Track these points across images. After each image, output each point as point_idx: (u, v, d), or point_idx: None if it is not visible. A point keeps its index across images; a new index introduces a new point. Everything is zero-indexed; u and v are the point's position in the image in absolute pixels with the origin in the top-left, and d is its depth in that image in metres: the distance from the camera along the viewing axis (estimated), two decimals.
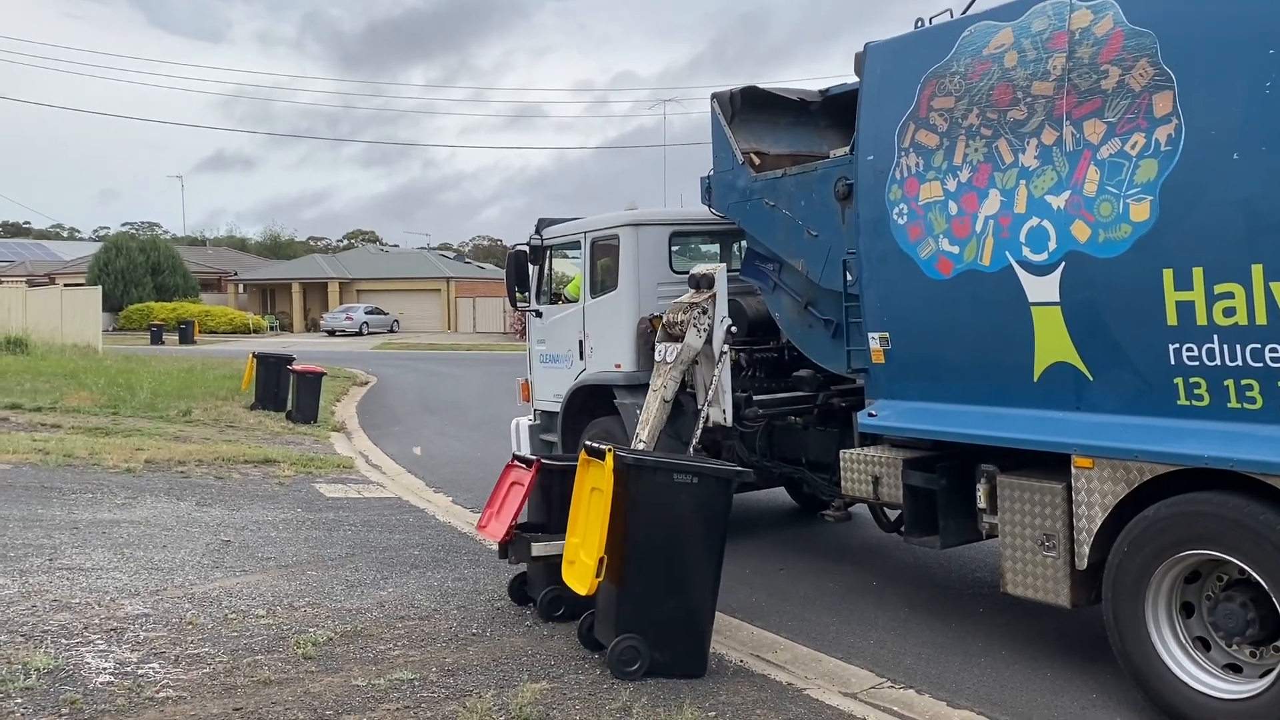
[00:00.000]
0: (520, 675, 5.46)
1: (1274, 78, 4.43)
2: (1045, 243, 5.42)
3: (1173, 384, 4.94)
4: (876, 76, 6.47)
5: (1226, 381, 4.73)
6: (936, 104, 5.99)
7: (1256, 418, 4.65)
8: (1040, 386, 5.55)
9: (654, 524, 5.53)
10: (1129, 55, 5.01)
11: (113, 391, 18.90)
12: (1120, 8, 5.07)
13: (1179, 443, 4.91)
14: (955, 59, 5.90)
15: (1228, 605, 4.87)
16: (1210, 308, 4.73)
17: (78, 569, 7.32)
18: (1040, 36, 5.44)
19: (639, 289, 8.77)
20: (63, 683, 5.09)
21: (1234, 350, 4.68)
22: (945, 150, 5.96)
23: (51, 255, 75.04)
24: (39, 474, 10.95)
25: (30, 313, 35.04)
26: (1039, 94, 5.43)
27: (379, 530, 9.33)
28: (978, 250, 5.79)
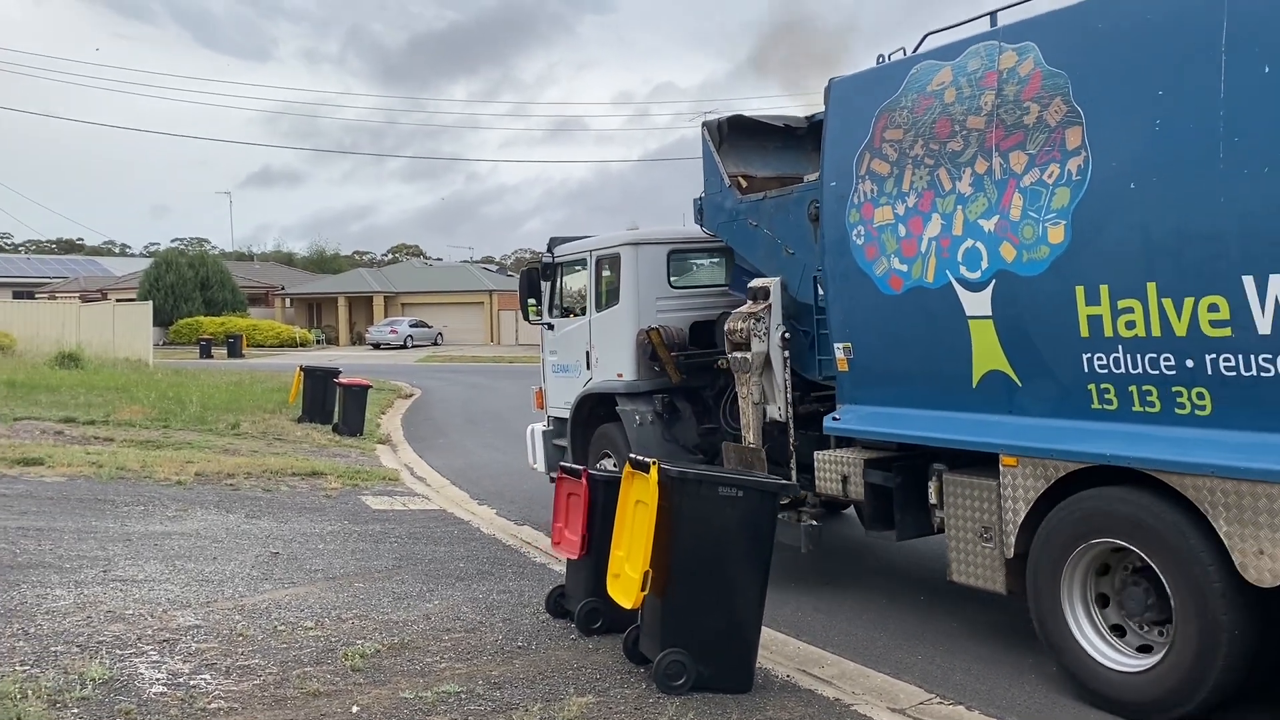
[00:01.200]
0: (566, 689, 5.47)
1: (1162, 116, 5.04)
2: (979, 262, 6.00)
3: (1087, 390, 5.49)
4: (838, 109, 7.07)
5: (1130, 387, 5.28)
6: (888, 135, 6.58)
7: (1155, 420, 5.21)
8: (978, 392, 6.10)
9: (699, 537, 5.52)
10: (1046, 94, 5.60)
11: (163, 405, 19.20)
12: (1039, 50, 5.64)
13: (1088, 442, 5.48)
14: (904, 94, 6.49)
15: (1133, 590, 5.45)
16: (1115, 321, 5.30)
17: (131, 580, 7.44)
18: (974, 75, 6.03)
19: (639, 304, 9.31)
20: (117, 693, 5.16)
21: (1135, 359, 5.23)
22: (895, 178, 6.54)
23: (104, 271, 76.56)
24: (93, 486, 11.15)
25: (83, 328, 35.74)
26: (973, 127, 6.02)
27: (424, 542, 9.39)
28: (923, 268, 6.37)
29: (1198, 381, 5.00)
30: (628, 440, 9.14)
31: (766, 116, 8.65)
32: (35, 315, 37.81)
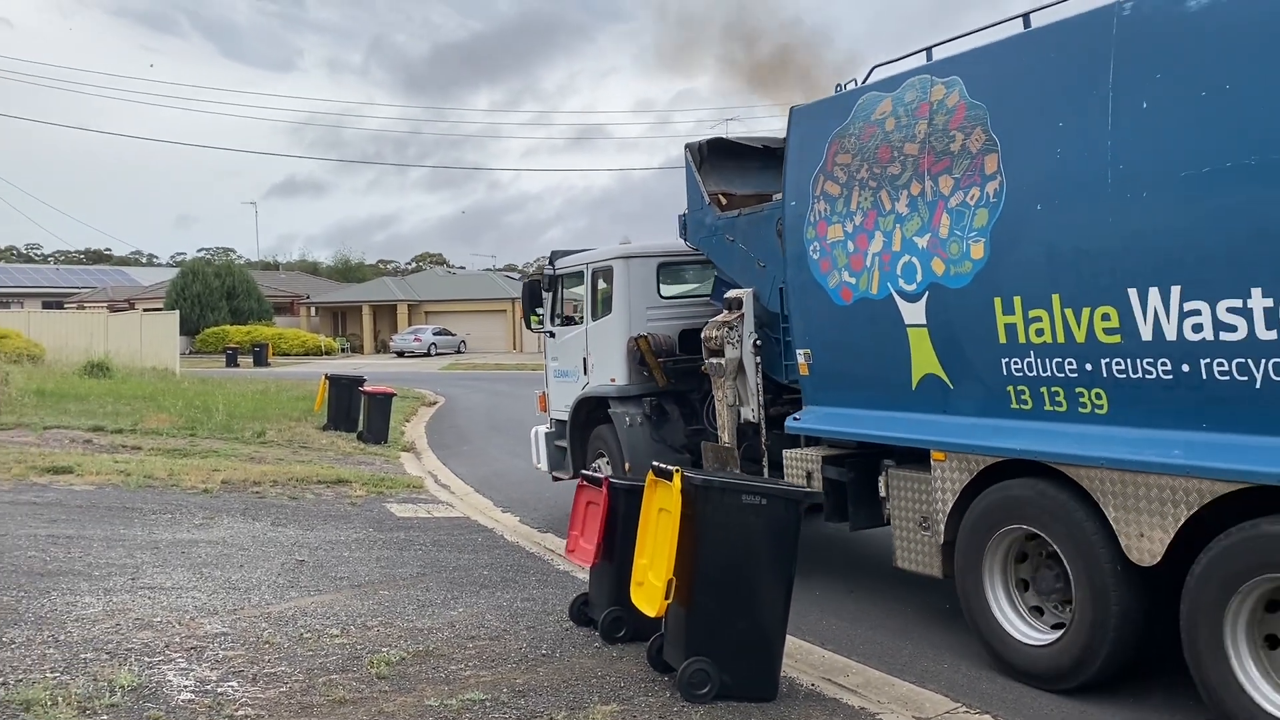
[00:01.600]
0: (591, 697, 5.47)
1: (1062, 145, 5.62)
2: (914, 275, 6.59)
3: (1006, 391, 6.09)
4: (797, 134, 7.67)
5: (1042, 389, 5.87)
6: (839, 160, 7.19)
7: (1062, 418, 5.80)
8: (917, 394, 6.69)
9: (723, 545, 5.51)
10: (969, 123, 6.17)
11: (190, 413, 19.36)
12: (964, 84, 6.22)
13: (1004, 439, 6.11)
14: (852, 122, 7.10)
15: (1045, 572, 6.09)
16: (1027, 329, 5.88)
17: (159, 588, 7.50)
18: (910, 106, 6.61)
19: (630, 313, 10.04)
20: (146, 700, 5.21)
21: (1045, 363, 5.82)
22: (845, 198, 7.14)
23: (131, 281, 77.36)
24: (121, 495, 11.25)
25: (111, 337, 36.12)
26: (909, 153, 6.60)
27: (449, 550, 9.42)
28: (869, 281, 6.97)
29: (1095, 383, 5.59)
30: (619, 441, 9.87)
31: (746, 138, 9.17)
32: (64, 325, 38.20)
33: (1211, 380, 5.05)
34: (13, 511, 9.95)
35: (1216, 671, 5.03)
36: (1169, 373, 5.22)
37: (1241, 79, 4.85)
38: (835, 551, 9.54)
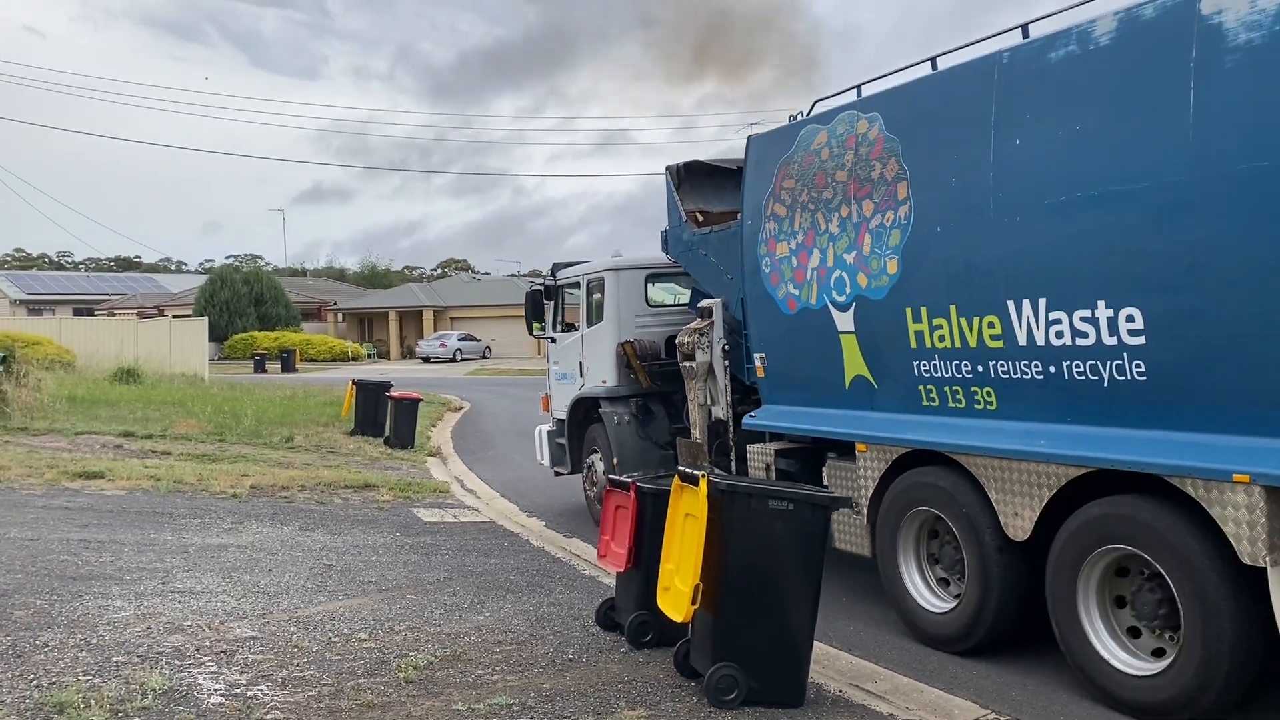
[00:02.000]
0: (618, 702, 5.46)
1: (956, 175, 6.38)
2: (844, 288, 7.41)
3: (917, 390, 6.90)
4: (752, 160, 8.49)
5: (945, 388, 6.67)
6: (785, 184, 8.02)
7: (961, 414, 6.61)
8: (849, 393, 7.54)
9: (749, 551, 5.49)
10: (885, 154, 6.99)
11: (219, 419, 19.53)
12: (882, 119, 7.03)
13: (911, 431, 6.95)
14: (796, 151, 7.91)
15: (947, 549, 6.91)
16: (932, 335, 6.67)
17: (188, 592, 7.56)
18: (841, 137, 7.43)
19: (619, 320, 10.93)
20: (177, 703, 5.25)
21: (946, 365, 6.62)
22: (789, 219, 7.97)
23: (160, 288, 78.09)
24: (151, 499, 11.36)
25: (141, 343, 36.48)
26: (839, 180, 7.43)
27: (475, 555, 9.45)
28: (809, 293, 7.80)
29: (986, 383, 6.40)
30: (609, 438, 10.75)
31: (721, 160, 9.78)
32: (95, 332, 38.64)
33: (1071, 380, 5.85)
34: (45, 516, 10.07)
35: (1072, 631, 5.87)
36: (1040, 373, 6.02)
37: (1085, 122, 5.68)
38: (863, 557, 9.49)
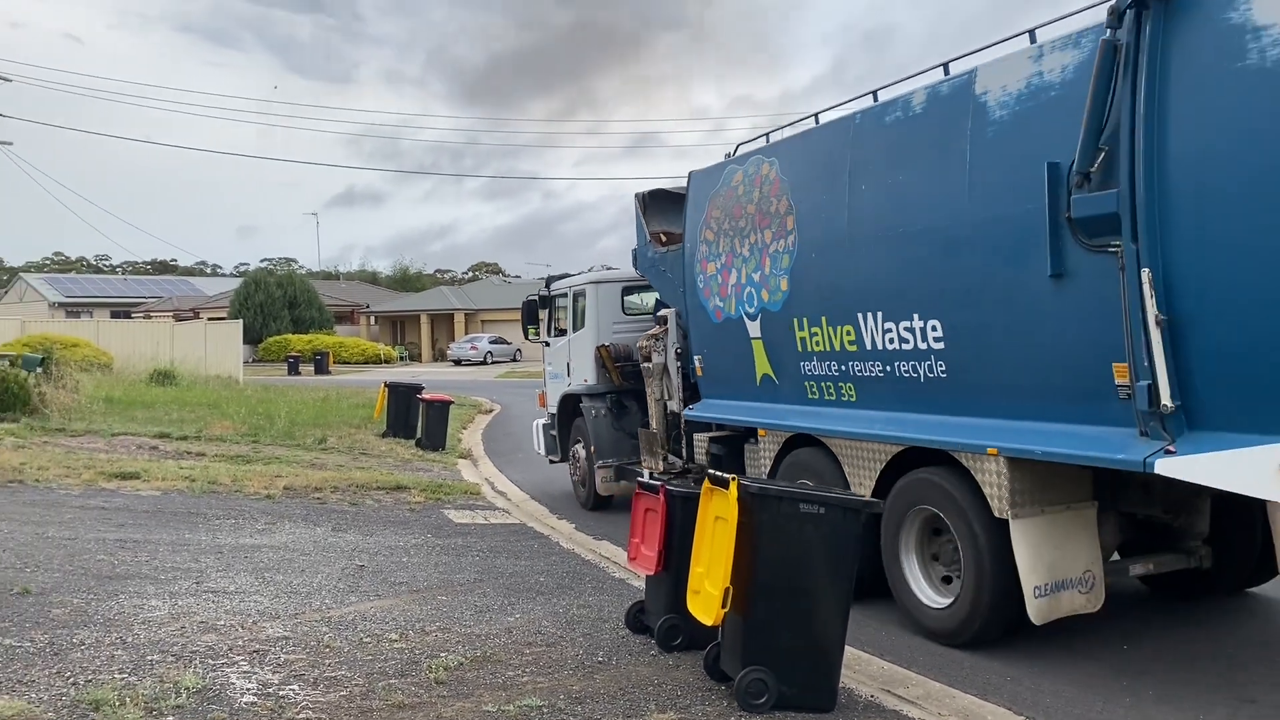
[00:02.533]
0: (647, 705, 5.45)
1: (824, 212, 7.98)
2: (753, 301, 8.93)
3: (804, 385, 8.47)
4: (691, 192, 10.05)
5: (822, 384, 8.28)
6: (713, 214, 9.54)
7: (832, 404, 8.17)
8: (759, 389, 9.09)
9: (780, 554, 5.46)
10: (780, 193, 8.52)
11: (253, 421, 19.70)
12: (779, 164, 8.61)
13: (795, 419, 8.60)
14: (721, 186, 9.43)
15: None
16: (810, 340, 8.23)
17: (222, 592, 7.63)
18: (751, 177, 8.96)
19: (599, 327, 12.49)
20: (210, 702, 5.29)
21: (821, 365, 8.20)
22: (716, 243, 9.48)
23: (196, 291, 78.94)
24: (186, 500, 11.48)
25: (177, 346, 36.89)
26: (750, 212, 8.95)
27: (505, 556, 9.47)
28: (729, 305, 9.31)
29: (848, 379, 7.95)
30: (590, 429, 12.27)
31: (682, 189, 10.67)
32: (132, 334, 39.11)
33: (901, 376, 7.38)
34: (82, 516, 10.20)
35: (898, 575, 7.44)
36: (881, 372, 7.58)
37: (905, 173, 7.21)
38: None
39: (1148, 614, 7.59)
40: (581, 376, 12.74)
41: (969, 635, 6.83)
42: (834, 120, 8.13)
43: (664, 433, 10.92)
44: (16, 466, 12.55)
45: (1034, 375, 6.36)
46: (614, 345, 12.33)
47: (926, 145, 7.03)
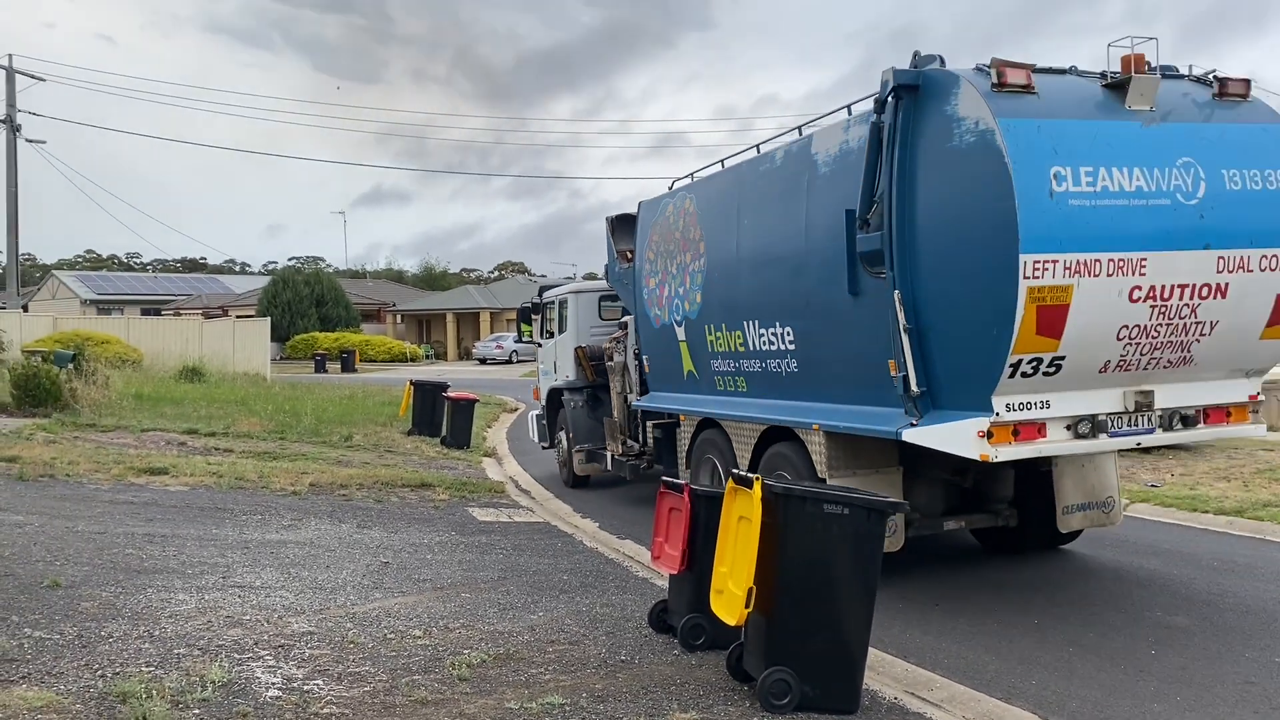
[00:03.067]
0: (670, 704, 5.44)
1: (723, 239, 9.87)
2: (679, 311, 10.87)
3: (714, 379, 10.36)
4: (641, 219, 12.06)
5: (725, 378, 10.14)
6: (654, 238, 11.61)
7: (732, 394, 10.07)
8: (686, 383, 11.03)
9: (804, 555, 5.44)
10: (696, 223, 10.51)
11: (280, 418, 19.83)
12: (696, 198, 10.61)
13: (704, 407, 10.53)
14: (659, 215, 11.48)
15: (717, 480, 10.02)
16: (716, 343, 10.12)
17: (248, 587, 7.68)
18: (678, 208, 11.00)
19: (578, 330, 14.46)
20: (235, 696, 5.33)
21: (723, 363, 10.10)
22: (656, 262, 11.52)
23: (225, 288, 79.59)
24: (213, 496, 11.57)
25: (205, 343, 37.20)
26: (677, 238, 10.94)
27: (529, 554, 9.49)
28: (664, 313, 11.31)
29: (740, 374, 9.86)
30: (569, 419, 14.27)
31: None
32: (161, 331, 39.48)
33: (771, 372, 9.29)
34: (112, 510, 10.30)
35: None
36: (759, 368, 9.47)
37: (770, 212, 9.18)
38: (919, 563, 9.37)
39: (1174, 620, 7.51)
40: (564, 373, 14.74)
41: None
42: (731, 166, 10.13)
43: (624, 421, 12.86)
44: (48, 461, 12.70)
45: (845, 369, 8.30)
46: (589, 346, 14.16)
47: (783, 191, 8.99)
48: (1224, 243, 7.19)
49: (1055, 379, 7.03)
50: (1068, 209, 6.76)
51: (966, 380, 7.10)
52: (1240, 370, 7.84)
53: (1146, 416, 7.55)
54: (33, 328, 36.16)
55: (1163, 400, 7.53)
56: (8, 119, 38.58)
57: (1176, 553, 9.71)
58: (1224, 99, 7.70)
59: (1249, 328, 7.53)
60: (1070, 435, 7.34)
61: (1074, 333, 6.84)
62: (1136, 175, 7.04)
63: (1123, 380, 7.33)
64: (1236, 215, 7.25)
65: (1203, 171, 7.21)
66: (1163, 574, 8.89)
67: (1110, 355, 7.15)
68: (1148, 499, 12.18)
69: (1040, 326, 6.75)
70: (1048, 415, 7.18)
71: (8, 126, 38.59)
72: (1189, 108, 7.57)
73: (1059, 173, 6.80)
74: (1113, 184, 6.94)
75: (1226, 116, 7.62)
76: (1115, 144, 7.07)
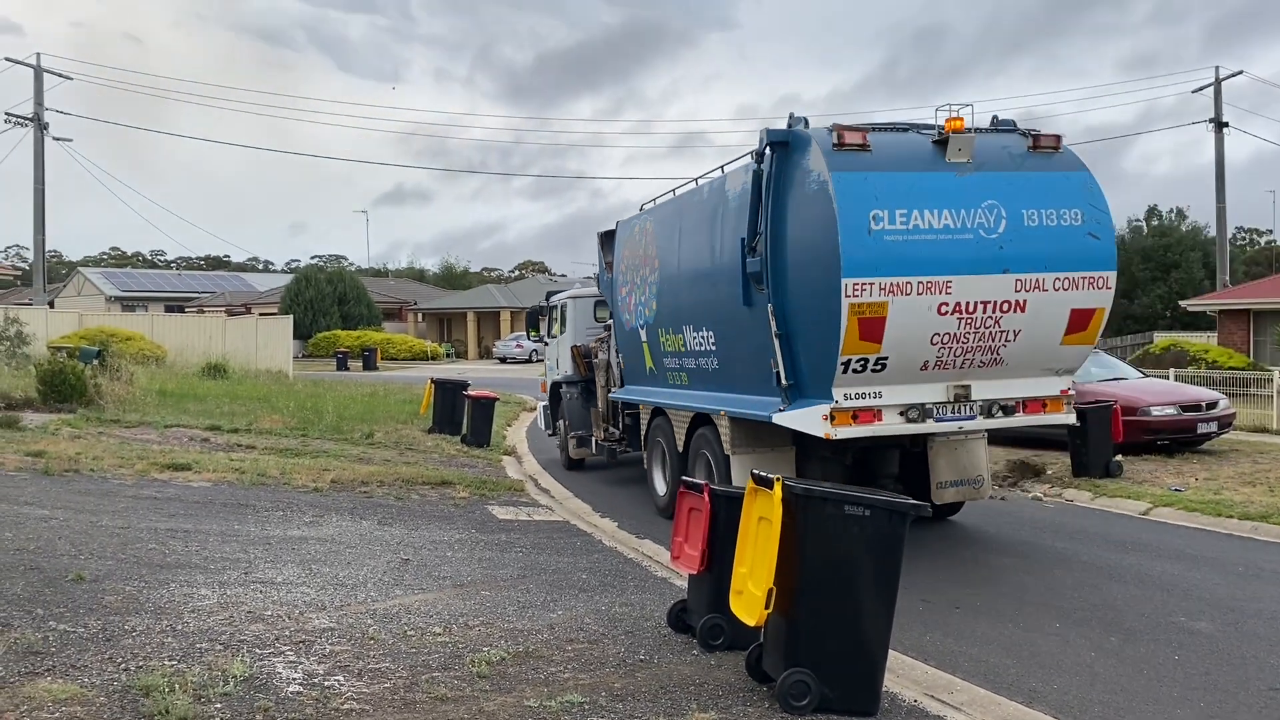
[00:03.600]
0: (689, 704, 5.44)
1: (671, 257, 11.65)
2: (642, 316, 12.67)
3: (667, 375, 12.13)
4: (619, 236, 13.90)
5: (675, 373, 11.93)
6: (625, 253, 13.48)
7: (680, 386, 11.84)
8: (648, 377, 12.92)
9: (824, 556, 5.42)
10: (652, 241, 12.30)
11: (302, 415, 19.94)
12: (653, 221, 12.42)
13: (657, 398, 12.44)
14: (629, 234, 13.31)
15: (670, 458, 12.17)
16: (668, 344, 11.86)
17: (270, 583, 7.73)
18: (641, 229, 12.84)
19: (575, 331, 16.46)
20: (257, 691, 5.36)
21: (673, 360, 11.85)
22: (626, 274, 13.33)
23: (248, 286, 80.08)
24: (235, 492, 11.65)
25: (229, 340, 37.48)
26: (640, 254, 12.74)
27: (548, 553, 9.50)
28: (632, 317, 13.09)
29: (683, 370, 11.69)
30: (565, 408, 16.30)
31: None
32: (185, 328, 39.80)
33: (702, 369, 11.17)
34: (135, 506, 10.39)
35: None
36: (694, 366, 11.38)
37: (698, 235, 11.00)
38: (941, 565, 9.33)
39: (1198, 626, 7.45)
40: (564, 369, 16.50)
41: None
42: (678, 195, 11.87)
43: (606, 411, 14.78)
44: (73, 456, 12.81)
45: (744, 367, 10.14)
46: (583, 345, 15.91)
47: (706, 219, 10.85)
48: (1021, 268, 8.89)
49: (883, 375, 8.85)
50: (883, 243, 8.50)
51: (816, 375, 8.99)
52: (1050, 370, 9.50)
53: (968, 406, 9.25)
54: (59, 324, 36.52)
55: (980, 393, 9.26)
56: (35, 117, 38.97)
57: (1200, 558, 9.64)
58: (1037, 151, 9.30)
59: (1050, 336, 9.19)
60: (902, 420, 9.06)
61: (892, 339, 8.64)
62: (945, 215, 8.73)
63: (944, 377, 9.13)
64: (1032, 246, 8.92)
65: (1005, 211, 8.89)
66: (1186, 579, 8.83)
67: (927, 356, 8.92)
68: (1171, 503, 12.09)
69: (862, 334, 8.57)
70: (881, 403, 8.96)
71: (36, 124, 38.97)
72: (1004, 158, 9.17)
73: (877, 214, 8.53)
74: (923, 223, 8.67)
75: (1036, 165, 9.22)
76: (929, 191, 8.78)
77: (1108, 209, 9.33)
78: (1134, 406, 15.27)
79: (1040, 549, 10.20)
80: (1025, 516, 12.13)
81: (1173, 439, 15.58)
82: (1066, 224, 9.07)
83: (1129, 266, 51.55)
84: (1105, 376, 16.95)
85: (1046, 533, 11.06)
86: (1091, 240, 9.15)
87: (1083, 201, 9.21)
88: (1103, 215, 9.28)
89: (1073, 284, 9.09)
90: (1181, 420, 15.54)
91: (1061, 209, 9.09)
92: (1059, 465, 14.63)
